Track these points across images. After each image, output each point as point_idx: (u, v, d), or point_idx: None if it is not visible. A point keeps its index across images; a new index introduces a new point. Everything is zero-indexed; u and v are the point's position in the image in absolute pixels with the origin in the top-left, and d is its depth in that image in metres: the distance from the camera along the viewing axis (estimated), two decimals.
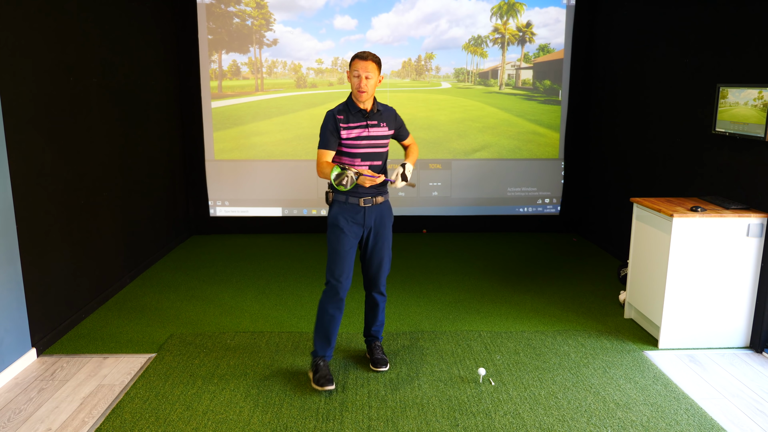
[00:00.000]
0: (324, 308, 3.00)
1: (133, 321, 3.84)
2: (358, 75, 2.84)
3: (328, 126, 2.91)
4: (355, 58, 2.87)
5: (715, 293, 3.40)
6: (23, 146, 3.22)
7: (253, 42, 5.81)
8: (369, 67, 2.84)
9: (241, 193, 5.99)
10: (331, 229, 2.98)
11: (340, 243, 2.95)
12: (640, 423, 2.70)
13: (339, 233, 2.95)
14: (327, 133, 2.90)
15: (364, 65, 2.83)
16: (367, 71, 2.84)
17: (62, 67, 3.64)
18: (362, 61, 2.84)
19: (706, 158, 3.89)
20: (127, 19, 4.57)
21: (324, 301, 3.00)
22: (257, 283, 4.58)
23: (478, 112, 6.04)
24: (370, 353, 3.27)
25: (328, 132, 2.90)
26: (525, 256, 5.41)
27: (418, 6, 5.84)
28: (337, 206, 2.96)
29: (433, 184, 6.08)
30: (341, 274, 2.96)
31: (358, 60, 2.85)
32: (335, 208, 2.97)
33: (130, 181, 4.60)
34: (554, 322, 3.86)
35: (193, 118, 5.86)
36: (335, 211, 2.96)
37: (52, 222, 3.52)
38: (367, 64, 2.83)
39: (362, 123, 2.93)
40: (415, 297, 4.30)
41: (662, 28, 4.49)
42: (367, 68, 2.84)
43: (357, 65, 2.85)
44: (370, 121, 2.94)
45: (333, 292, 2.97)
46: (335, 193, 2.95)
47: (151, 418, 2.71)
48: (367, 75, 2.84)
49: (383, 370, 3.18)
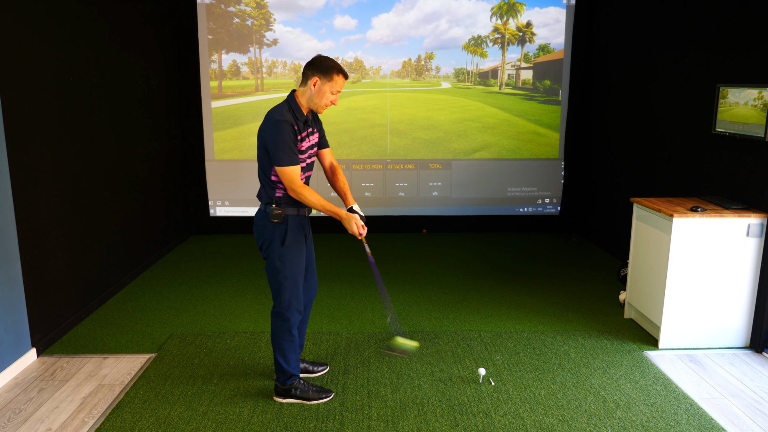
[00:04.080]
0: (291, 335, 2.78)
1: (133, 321, 3.84)
2: (336, 93, 2.64)
3: (287, 136, 2.55)
4: (340, 73, 2.61)
5: (715, 293, 3.40)
6: (23, 146, 3.22)
7: (253, 42, 5.81)
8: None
9: (241, 193, 5.99)
10: (286, 250, 2.65)
11: (299, 265, 2.71)
12: (640, 423, 2.70)
13: (297, 253, 2.68)
14: (291, 145, 2.56)
15: (343, 84, 2.65)
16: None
17: (62, 67, 3.64)
18: (345, 81, 2.65)
19: (706, 158, 3.89)
20: (127, 19, 4.57)
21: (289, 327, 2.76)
22: (257, 283, 4.58)
23: (478, 112, 6.04)
24: (309, 366, 3.15)
25: (292, 144, 2.56)
26: (525, 256, 5.41)
27: (418, 6, 5.84)
28: (291, 221, 2.67)
29: (433, 184, 6.08)
30: (300, 302, 2.76)
31: (344, 79, 2.64)
32: (289, 223, 2.66)
33: (129, 181, 4.60)
34: (554, 322, 3.86)
35: (193, 118, 5.86)
36: (290, 227, 2.66)
37: (52, 222, 3.52)
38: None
39: (306, 131, 2.69)
40: (415, 297, 4.30)
41: (662, 28, 4.49)
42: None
43: (342, 85, 2.64)
44: (309, 128, 2.72)
45: (292, 324, 2.76)
46: (285, 207, 2.66)
47: (151, 418, 2.71)
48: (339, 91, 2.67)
49: (325, 369, 3.17)
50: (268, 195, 2.70)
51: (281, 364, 2.81)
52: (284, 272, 2.69)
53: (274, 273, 2.71)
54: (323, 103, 2.64)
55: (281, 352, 2.80)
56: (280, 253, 2.67)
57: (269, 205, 2.68)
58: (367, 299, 4.24)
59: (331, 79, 2.60)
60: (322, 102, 2.63)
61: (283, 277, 2.69)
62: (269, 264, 2.72)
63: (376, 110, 6.01)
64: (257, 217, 2.74)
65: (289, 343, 2.80)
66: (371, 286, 4.52)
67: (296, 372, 2.86)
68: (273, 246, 2.67)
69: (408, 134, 6.02)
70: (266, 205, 2.70)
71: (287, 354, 2.81)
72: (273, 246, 2.67)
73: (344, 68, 2.65)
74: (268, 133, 2.57)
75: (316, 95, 2.62)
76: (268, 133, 2.57)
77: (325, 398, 2.87)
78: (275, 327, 2.79)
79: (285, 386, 2.85)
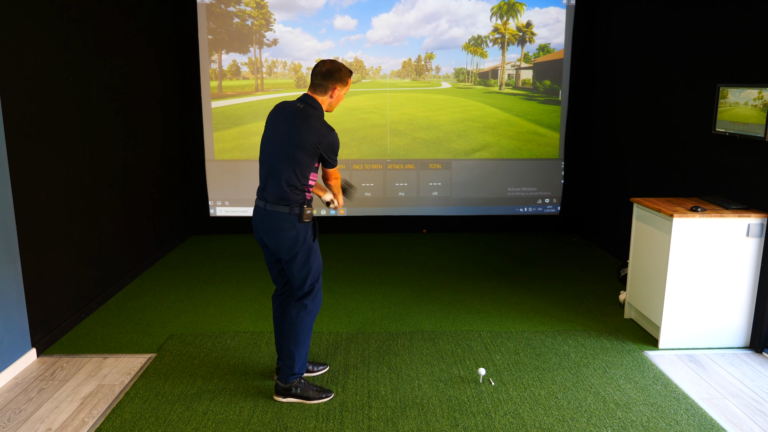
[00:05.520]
0: (311, 321, 2.86)
1: (133, 321, 3.84)
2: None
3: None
4: (350, 74, 2.78)
5: (715, 293, 3.40)
6: (23, 146, 3.22)
7: (253, 42, 5.81)
8: None
9: (241, 193, 5.99)
10: (315, 245, 2.82)
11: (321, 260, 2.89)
12: (640, 423, 2.70)
13: (316, 249, 2.84)
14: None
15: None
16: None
17: (62, 67, 3.64)
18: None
19: (706, 158, 3.89)
20: (127, 19, 4.57)
21: (312, 314, 2.85)
22: (257, 283, 4.58)
23: (478, 112, 6.04)
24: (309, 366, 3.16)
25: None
26: (525, 256, 5.41)
27: (418, 6, 5.84)
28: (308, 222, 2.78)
29: (433, 184, 6.08)
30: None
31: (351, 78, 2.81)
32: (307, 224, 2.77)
33: (129, 181, 4.60)
34: (554, 322, 3.86)
35: (193, 118, 5.86)
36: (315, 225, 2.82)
37: (52, 222, 3.52)
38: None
39: None
40: (415, 297, 4.30)
41: (662, 27, 4.49)
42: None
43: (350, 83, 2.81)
44: None
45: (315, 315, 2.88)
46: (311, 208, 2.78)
47: (151, 418, 2.71)
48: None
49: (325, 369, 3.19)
50: (297, 198, 2.70)
51: (294, 358, 2.83)
52: (317, 265, 2.83)
53: (307, 269, 2.80)
54: (336, 106, 2.81)
55: (297, 345, 2.83)
56: (312, 249, 2.80)
57: (297, 206, 2.71)
58: (367, 299, 4.24)
59: (346, 84, 2.77)
60: (334, 104, 2.79)
61: (316, 269, 2.83)
62: (300, 262, 2.77)
63: (376, 110, 6.01)
64: (281, 221, 2.71)
65: (307, 336, 2.86)
66: (371, 285, 4.52)
67: (301, 371, 2.88)
68: (305, 244, 2.77)
69: (408, 134, 6.02)
70: (292, 207, 2.70)
71: (302, 348, 2.85)
72: (305, 244, 2.77)
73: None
74: (329, 139, 2.69)
75: (335, 101, 2.78)
76: (329, 140, 2.69)
77: (325, 398, 2.87)
78: (300, 318, 2.82)
79: (286, 384, 2.85)
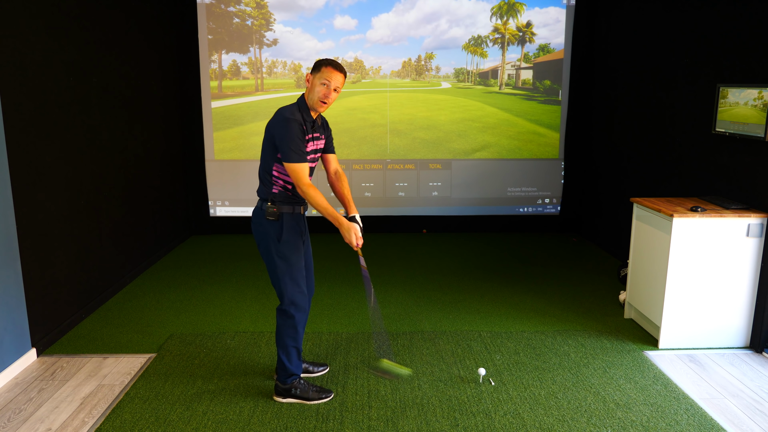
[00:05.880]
0: (296, 332, 2.78)
1: (133, 321, 3.84)
2: (326, 84, 2.59)
3: (297, 134, 2.59)
4: (328, 65, 2.59)
5: (715, 293, 3.40)
6: (23, 146, 3.22)
7: (253, 42, 5.81)
8: (340, 80, 2.61)
9: (241, 193, 5.99)
10: (283, 246, 2.69)
11: (297, 262, 2.73)
12: (640, 423, 2.70)
13: (294, 249, 2.71)
14: (299, 142, 2.59)
15: (337, 77, 2.60)
16: (338, 84, 2.61)
17: (62, 67, 3.64)
18: (336, 73, 2.60)
19: (706, 158, 3.89)
20: (127, 19, 4.57)
21: (294, 324, 2.76)
22: (257, 283, 4.58)
23: (478, 112, 6.04)
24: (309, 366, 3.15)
25: (299, 141, 2.59)
26: (525, 256, 5.41)
27: (418, 6, 5.84)
28: (286, 218, 2.70)
29: (433, 184, 6.08)
30: (303, 300, 2.77)
31: (332, 69, 2.60)
32: (284, 221, 2.69)
33: (129, 181, 4.60)
34: (554, 322, 3.86)
35: (193, 118, 5.86)
36: (285, 224, 2.69)
37: (52, 222, 3.52)
38: (339, 77, 2.61)
39: (313, 134, 2.71)
40: (415, 297, 4.30)
41: (662, 28, 4.49)
42: (339, 81, 2.61)
43: (330, 75, 2.59)
44: (316, 133, 2.74)
45: (297, 321, 2.76)
46: (281, 205, 2.69)
47: (151, 418, 2.71)
48: (336, 87, 2.61)
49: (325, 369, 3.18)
50: (266, 192, 2.73)
51: (284, 362, 2.82)
52: (282, 268, 2.71)
53: (273, 270, 2.74)
54: (316, 97, 2.62)
55: (284, 349, 2.81)
56: (277, 250, 2.70)
57: (265, 202, 2.71)
58: (366, 299, 4.24)
59: (318, 70, 2.62)
60: (315, 96, 2.62)
61: (282, 273, 2.71)
62: (268, 261, 2.74)
63: (376, 110, 6.01)
64: (254, 215, 2.77)
65: (292, 340, 2.80)
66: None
67: (297, 371, 2.86)
68: (270, 243, 2.70)
69: (408, 134, 6.02)
70: (263, 202, 2.73)
71: (290, 352, 2.82)
72: (270, 243, 2.70)
73: (340, 64, 2.64)
74: (278, 129, 2.61)
75: (311, 89, 2.64)
76: (278, 130, 2.61)
77: (325, 398, 2.87)
78: (279, 324, 2.80)
79: (285, 385, 2.85)
